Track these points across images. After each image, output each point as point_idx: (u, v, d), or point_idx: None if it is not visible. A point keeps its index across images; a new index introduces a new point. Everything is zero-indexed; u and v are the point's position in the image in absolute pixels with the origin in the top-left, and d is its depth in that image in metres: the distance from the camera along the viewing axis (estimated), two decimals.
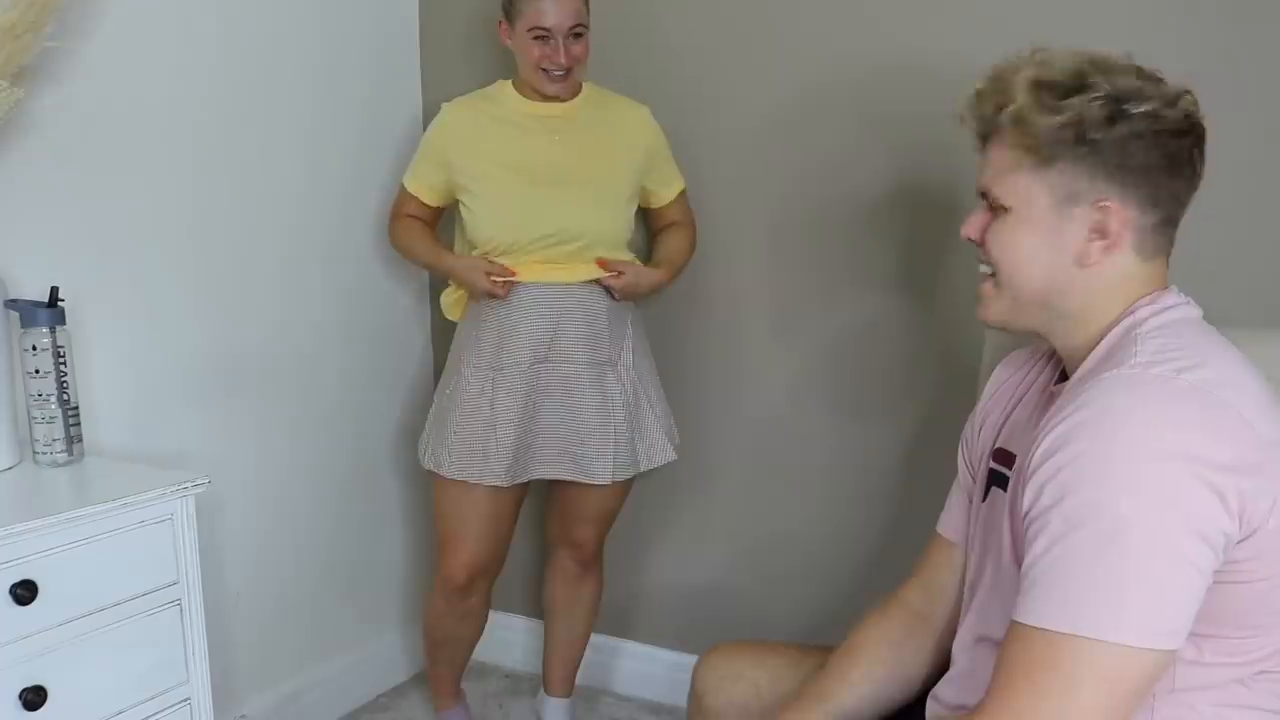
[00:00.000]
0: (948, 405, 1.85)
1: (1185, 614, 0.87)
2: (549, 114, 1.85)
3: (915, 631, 1.20)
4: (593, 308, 1.84)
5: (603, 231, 1.83)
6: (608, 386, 1.86)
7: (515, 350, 1.82)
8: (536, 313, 1.82)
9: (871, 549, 1.99)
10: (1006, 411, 1.15)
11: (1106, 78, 0.95)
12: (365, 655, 2.27)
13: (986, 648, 1.06)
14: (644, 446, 1.92)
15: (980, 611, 1.09)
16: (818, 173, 1.93)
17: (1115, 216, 0.96)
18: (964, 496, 1.20)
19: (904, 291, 1.90)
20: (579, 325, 1.83)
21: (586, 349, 1.84)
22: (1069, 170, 0.96)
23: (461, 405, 1.84)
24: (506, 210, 1.80)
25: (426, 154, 1.88)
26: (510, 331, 1.82)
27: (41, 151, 1.55)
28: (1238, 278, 1.60)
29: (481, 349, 1.85)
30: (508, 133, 1.84)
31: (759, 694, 1.26)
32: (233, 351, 1.90)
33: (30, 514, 1.25)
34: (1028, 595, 0.89)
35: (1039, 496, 0.90)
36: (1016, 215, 1.00)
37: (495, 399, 1.82)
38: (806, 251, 1.97)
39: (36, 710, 1.25)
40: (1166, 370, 0.90)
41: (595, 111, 1.88)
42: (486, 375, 1.83)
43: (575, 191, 1.81)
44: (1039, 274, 1.00)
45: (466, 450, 1.83)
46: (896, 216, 1.87)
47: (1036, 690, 0.87)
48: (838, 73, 1.89)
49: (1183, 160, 0.97)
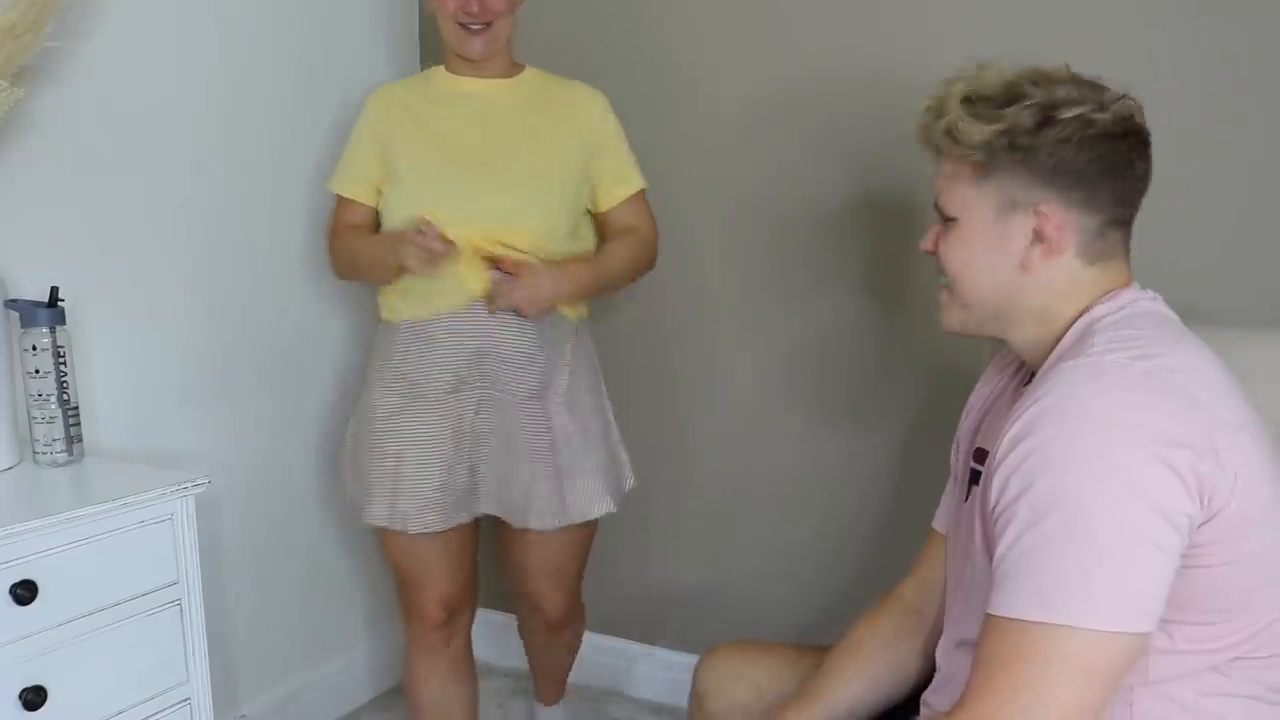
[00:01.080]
0: (939, 402, 1.85)
1: (1154, 596, 0.88)
2: (479, 92, 1.65)
3: (911, 629, 1.21)
4: (522, 327, 1.59)
5: (530, 223, 1.59)
6: (537, 421, 1.62)
7: (432, 372, 1.60)
8: (457, 331, 1.59)
9: (869, 547, 2.00)
10: (985, 411, 1.17)
11: (1041, 88, 0.98)
12: (365, 655, 2.27)
13: (966, 652, 1.06)
14: (574, 496, 1.65)
15: (959, 616, 1.10)
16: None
17: (1052, 221, 0.98)
18: (955, 493, 1.21)
19: (885, 291, 1.90)
20: (506, 342, 1.59)
21: (515, 372, 1.60)
22: (1005, 179, 0.99)
23: (376, 438, 1.63)
24: (419, 189, 1.60)
25: (357, 146, 1.69)
26: (427, 349, 1.60)
27: (41, 151, 1.55)
28: (1237, 278, 1.61)
29: (392, 369, 1.63)
30: (432, 111, 1.65)
31: (760, 694, 1.26)
32: (233, 351, 1.90)
33: (30, 514, 1.25)
34: (999, 587, 0.90)
35: (1005, 487, 0.91)
36: (962, 225, 1.03)
37: (413, 431, 1.60)
38: (784, 253, 1.97)
39: (36, 710, 1.25)
40: (1122, 358, 0.92)
41: (535, 92, 1.68)
42: (400, 403, 1.62)
43: (500, 178, 1.60)
44: (987, 282, 1.03)
45: (391, 493, 1.61)
46: (885, 218, 1.87)
47: (1014, 681, 0.88)
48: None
49: (1119, 163, 0.99)
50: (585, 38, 2.07)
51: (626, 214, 1.70)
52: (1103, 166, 0.98)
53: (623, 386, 2.06)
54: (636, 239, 1.70)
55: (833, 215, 1.91)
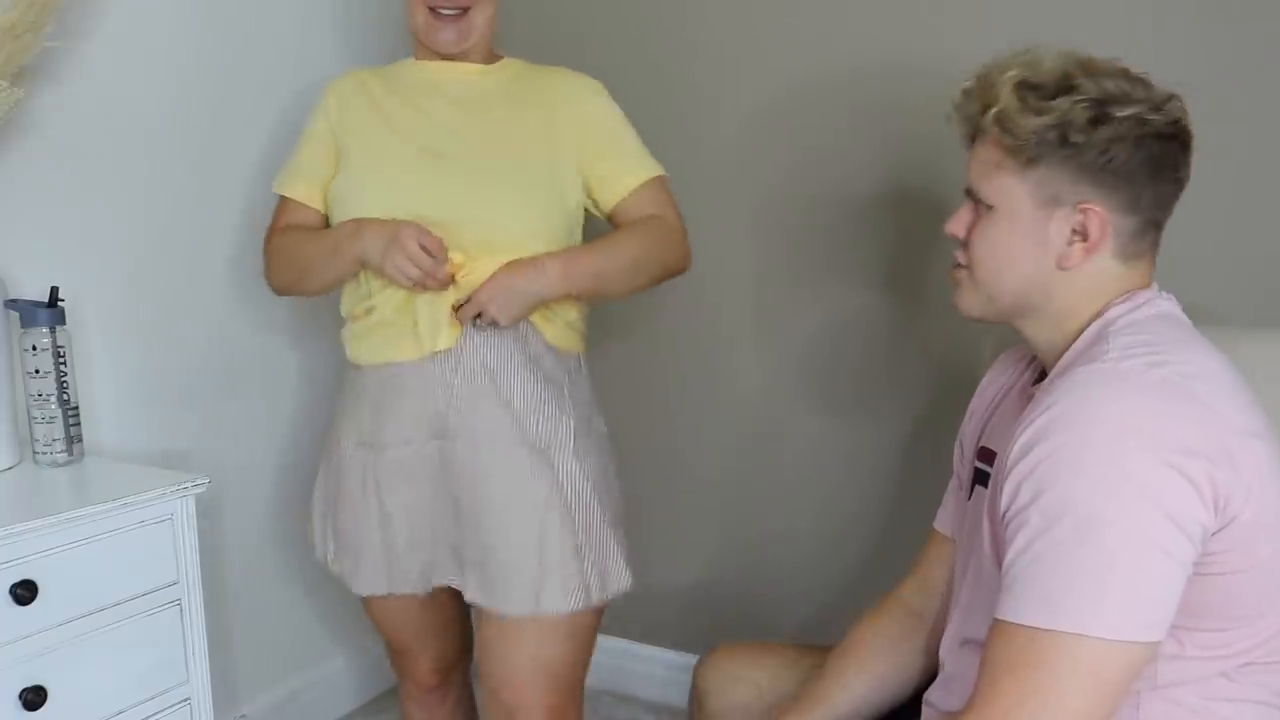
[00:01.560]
0: (944, 402, 1.85)
1: (1165, 605, 0.87)
2: (449, 78, 1.44)
3: (912, 630, 1.21)
4: (508, 354, 1.36)
5: (507, 228, 1.35)
6: (538, 474, 1.36)
7: (400, 420, 1.38)
8: (425, 372, 1.36)
9: (870, 547, 2.00)
10: (990, 410, 1.16)
11: (1092, 80, 0.96)
12: (365, 655, 2.27)
13: (971, 650, 1.06)
14: (602, 569, 1.40)
15: (964, 613, 1.09)
16: (806, 169, 1.92)
17: (1096, 219, 0.97)
18: (959, 492, 1.20)
19: (901, 287, 1.90)
20: (488, 379, 1.35)
21: (501, 416, 1.36)
22: (1051, 172, 0.97)
23: (345, 494, 1.44)
24: (380, 195, 1.37)
25: (309, 143, 1.48)
26: (392, 395, 1.38)
27: (41, 151, 1.55)
28: (1237, 278, 1.60)
29: (360, 416, 1.43)
30: (395, 101, 1.44)
31: (760, 695, 1.26)
32: (233, 351, 1.90)
33: (30, 514, 1.24)
34: (1009, 592, 0.90)
35: (1017, 494, 0.90)
36: (1000, 215, 1.00)
37: (382, 486, 1.40)
38: (799, 247, 1.96)
39: (36, 710, 1.25)
40: (1138, 364, 0.91)
41: (515, 80, 1.47)
42: (367, 453, 1.41)
43: (473, 174, 1.37)
44: (1019, 275, 1.00)
45: (365, 556, 1.44)
46: (895, 211, 1.87)
47: (1021, 688, 0.87)
48: (830, 67, 1.87)
49: (1166, 165, 0.98)
50: (603, 29, 2.03)
51: (643, 204, 1.43)
52: (1152, 168, 0.97)
53: (622, 383, 2.07)
54: (656, 223, 1.43)
55: (853, 209, 1.89)
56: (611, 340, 2.10)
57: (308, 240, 1.43)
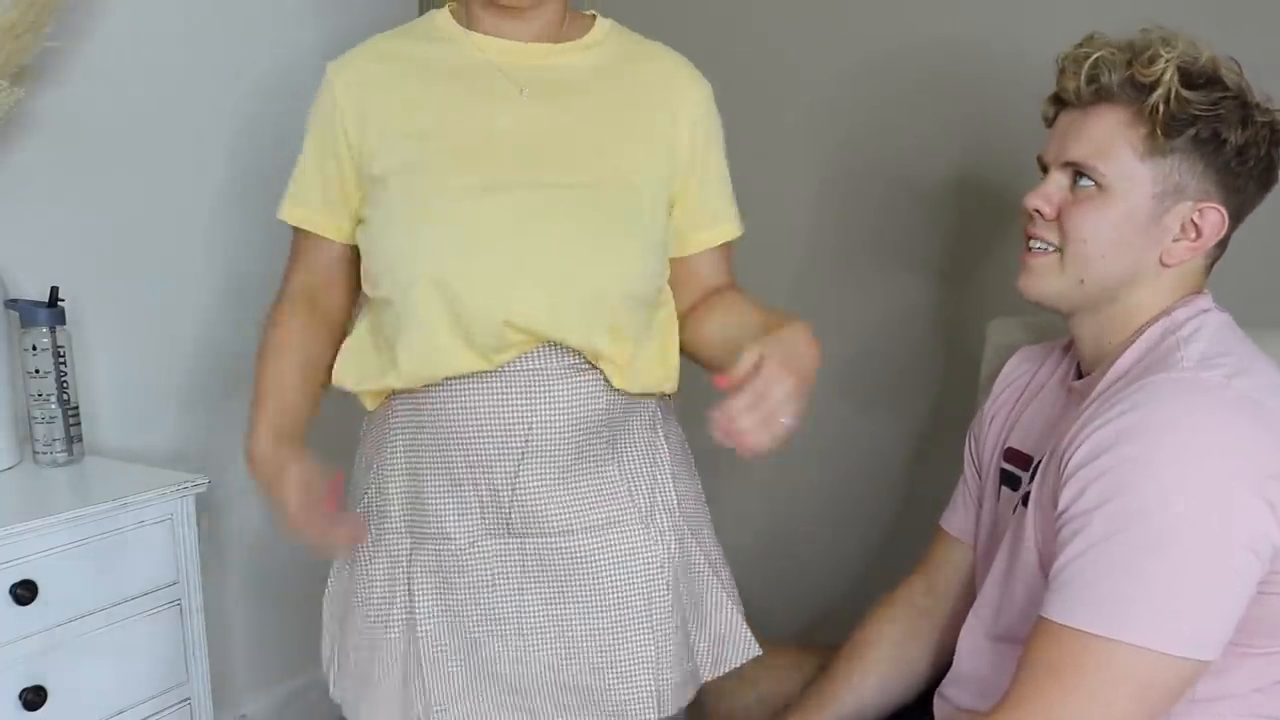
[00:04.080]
0: (953, 401, 1.84)
1: (1227, 625, 0.85)
2: (520, 60, 1.04)
3: (918, 630, 1.20)
4: (592, 420, 1.02)
5: (622, 276, 1.01)
6: (636, 553, 1.04)
7: (444, 509, 1.03)
8: (487, 437, 1.01)
9: (873, 548, 1.99)
10: (1017, 409, 1.14)
11: (1236, 76, 0.94)
12: None
13: (1004, 648, 1.04)
14: (710, 642, 1.11)
15: (991, 612, 1.08)
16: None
17: (1215, 218, 0.94)
18: (969, 494, 1.19)
19: (915, 294, 1.89)
20: (560, 451, 1.01)
21: (579, 494, 1.03)
22: (1184, 164, 0.93)
23: (364, 612, 1.08)
24: (440, 244, 0.98)
25: (312, 154, 1.11)
26: (435, 474, 1.03)
27: (41, 151, 1.55)
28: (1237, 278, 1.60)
29: (381, 504, 1.08)
30: (440, 92, 1.04)
31: (760, 695, 1.26)
32: (233, 351, 1.90)
33: (30, 514, 1.24)
34: (1061, 593, 0.88)
35: (1080, 496, 0.88)
36: (1114, 197, 0.94)
37: (418, 600, 1.04)
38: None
39: (36, 710, 1.24)
40: (1217, 376, 0.88)
41: (611, 64, 1.07)
42: (398, 557, 1.06)
43: (577, 214, 1.00)
44: (1123, 262, 0.96)
45: (383, 700, 1.07)
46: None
47: (1065, 690, 0.85)
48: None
49: (1273, 176, 0.97)
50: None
51: (718, 269, 1.12)
52: (1264, 178, 0.96)
53: None
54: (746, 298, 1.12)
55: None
56: None
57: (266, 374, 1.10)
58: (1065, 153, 0.98)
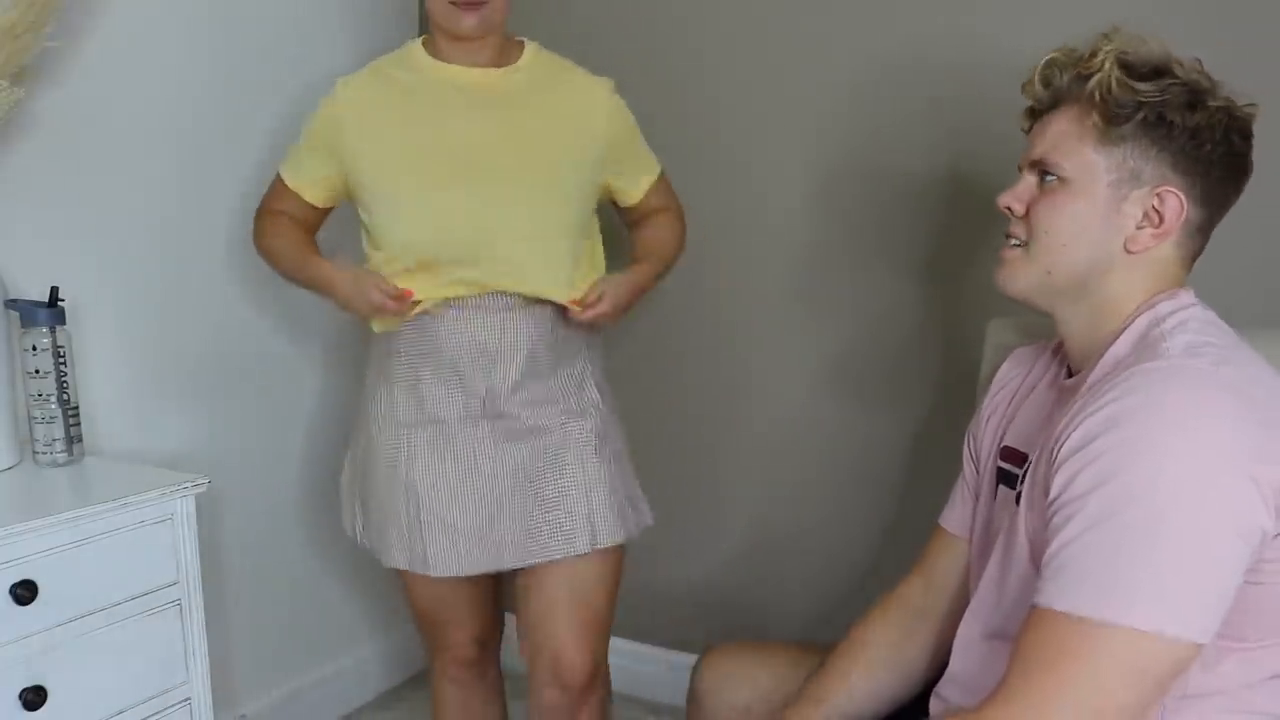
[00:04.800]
0: (951, 401, 1.85)
1: (1219, 608, 0.86)
2: (474, 83, 1.44)
3: (916, 628, 1.20)
4: (538, 337, 1.45)
5: (558, 247, 1.44)
6: (571, 433, 1.49)
7: (435, 400, 1.46)
8: (464, 351, 1.44)
9: (871, 547, 1.99)
10: (1012, 409, 1.15)
11: (1184, 69, 0.97)
12: (365, 655, 2.27)
13: (997, 646, 1.05)
14: (632, 507, 1.56)
15: (986, 611, 1.08)
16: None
17: (1174, 203, 0.96)
18: (968, 491, 1.20)
19: (913, 294, 1.89)
20: (522, 362, 1.44)
21: (536, 391, 1.47)
22: (1136, 150, 0.97)
23: (376, 476, 1.51)
24: (419, 213, 1.41)
25: (312, 140, 1.49)
26: (427, 375, 1.46)
27: (41, 151, 1.55)
28: (1237, 278, 1.60)
29: (391, 398, 1.49)
30: (419, 108, 1.44)
31: (760, 694, 1.26)
32: (233, 351, 1.90)
33: (30, 514, 1.25)
34: (1054, 580, 0.88)
35: (1071, 482, 0.88)
36: (1074, 188, 0.98)
37: (417, 467, 1.46)
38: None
39: (36, 710, 1.25)
40: (1204, 363, 0.90)
41: (538, 81, 1.48)
42: (400, 434, 1.48)
43: (510, 188, 1.42)
44: (1085, 252, 0.99)
45: (400, 536, 1.49)
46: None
47: (1059, 677, 0.85)
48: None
49: (1240, 166, 0.99)
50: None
51: (657, 197, 1.61)
52: (1229, 164, 0.98)
53: (624, 382, 2.06)
54: (671, 219, 1.61)
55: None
56: (623, 339, 2.09)
57: (284, 249, 1.54)
58: (1031, 153, 1.03)
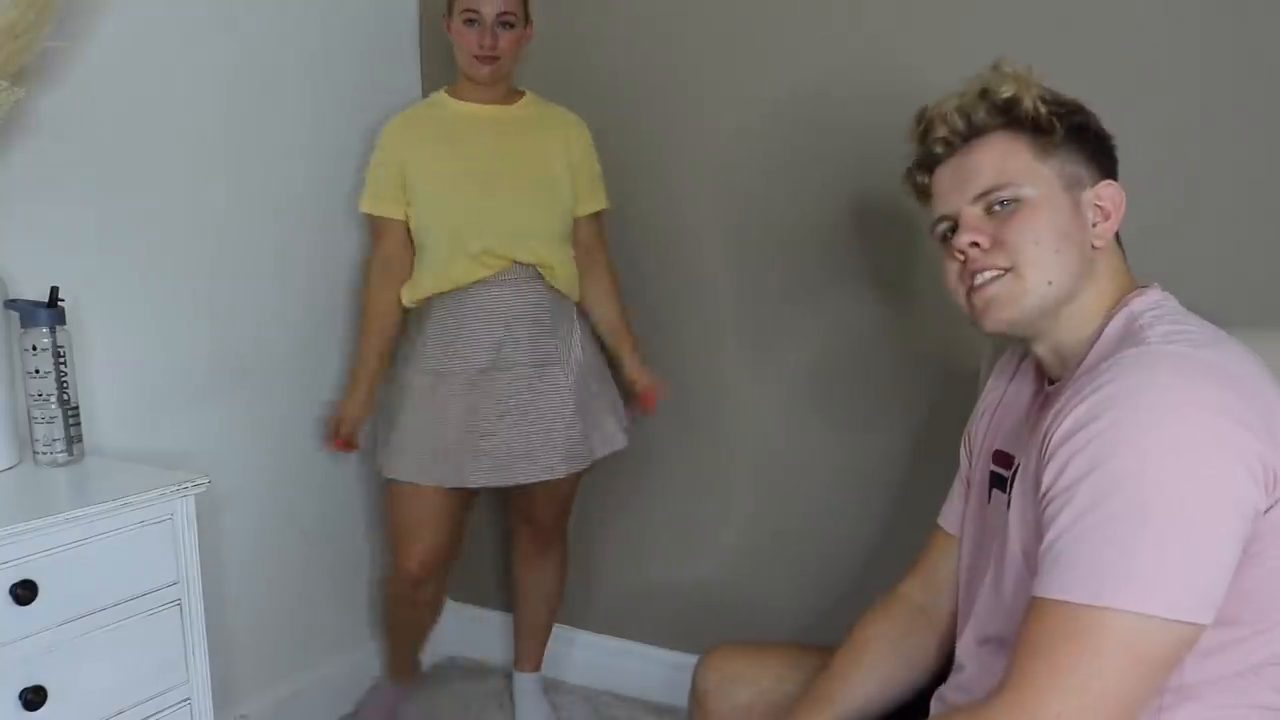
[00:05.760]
0: (946, 404, 1.85)
1: (1217, 587, 0.86)
2: (488, 115, 1.90)
3: (916, 627, 1.20)
4: (540, 308, 1.89)
5: (550, 230, 1.88)
6: (554, 381, 1.89)
7: (462, 354, 1.87)
8: (485, 317, 1.86)
9: (870, 547, 2.00)
10: (999, 414, 1.16)
11: None
12: (365, 655, 2.27)
13: (993, 649, 1.05)
14: (598, 435, 1.96)
15: (983, 613, 1.08)
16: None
17: (1111, 190, 1.02)
18: (964, 488, 1.20)
19: (902, 292, 1.90)
20: (527, 327, 1.87)
21: (534, 350, 1.88)
22: (1068, 155, 1.02)
23: (406, 408, 1.89)
24: (455, 211, 1.84)
25: (379, 172, 1.89)
26: (457, 335, 1.87)
27: (41, 151, 1.55)
28: (1237, 278, 1.60)
29: (426, 353, 1.90)
30: (450, 133, 1.88)
31: (760, 694, 1.26)
32: (233, 351, 1.90)
33: (30, 514, 1.25)
34: (1051, 570, 0.88)
35: (1063, 471, 0.89)
36: (1038, 200, 1.01)
37: (440, 402, 1.87)
38: (789, 261, 1.97)
39: (36, 710, 1.25)
40: (1184, 346, 0.91)
41: (533, 116, 1.93)
42: (429, 379, 1.88)
43: (523, 193, 1.86)
44: (1074, 252, 1.01)
45: (414, 452, 1.87)
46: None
47: (1059, 664, 0.85)
48: (820, 81, 1.89)
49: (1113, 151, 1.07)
50: (594, 60, 2.11)
51: (592, 228, 1.98)
52: (1111, 152, 1.06)
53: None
54: (611, 274, 2.01)
55: (837, 225, 1.92)
56: None
57: (366, 349, 1.95)
58: (969, 189, 1.04)
